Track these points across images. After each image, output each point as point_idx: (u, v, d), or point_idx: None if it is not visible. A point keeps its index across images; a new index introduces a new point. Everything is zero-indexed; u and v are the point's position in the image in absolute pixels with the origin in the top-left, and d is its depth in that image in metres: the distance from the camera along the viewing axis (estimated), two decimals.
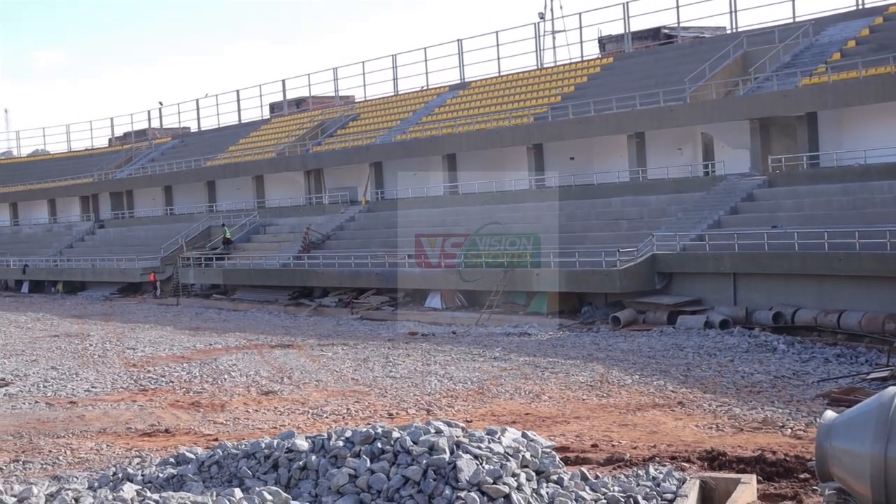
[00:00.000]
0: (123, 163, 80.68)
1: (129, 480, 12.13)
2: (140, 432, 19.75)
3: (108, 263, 62.47)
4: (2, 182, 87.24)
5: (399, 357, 29.00)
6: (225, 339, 35.71)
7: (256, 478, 11.60)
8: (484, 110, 54.58)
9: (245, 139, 72.17)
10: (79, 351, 34.01)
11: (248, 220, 60.46)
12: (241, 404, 22.53)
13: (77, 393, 25.16)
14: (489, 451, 10.92)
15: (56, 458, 17.63)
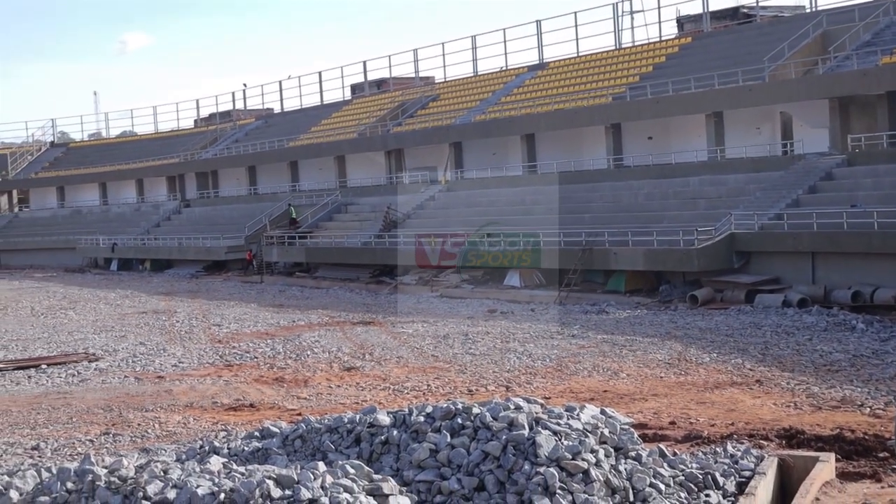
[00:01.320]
0: (209, 143, 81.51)
1: (216, 453, 12.44)
2: (226, 407, 20.17)
3: (194, 242, 63.30)
4: (91, 162, 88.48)
5: (478, 334, 29.22)
6: (308, 316, 36.15)
7: (339, 452, 11.80)
8: (562, 90, 54.47)
9: (327, 120, 72.61)
10: (166, 327, 34.64)
11: (330, 199, 60.93)
12: (323, 380, 22.88)
13: (165, 368, 25.71)
14: (568, 427, 11.03)
15: (145, 431, 18.09)
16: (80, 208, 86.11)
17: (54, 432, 18.29)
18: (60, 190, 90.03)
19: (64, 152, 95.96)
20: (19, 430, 18.64)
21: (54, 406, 20.84)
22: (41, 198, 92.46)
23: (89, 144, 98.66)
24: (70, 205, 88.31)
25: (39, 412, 20.24)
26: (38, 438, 17.75)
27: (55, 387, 23.63)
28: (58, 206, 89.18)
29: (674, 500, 10.59)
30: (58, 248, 76.63)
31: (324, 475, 9.84)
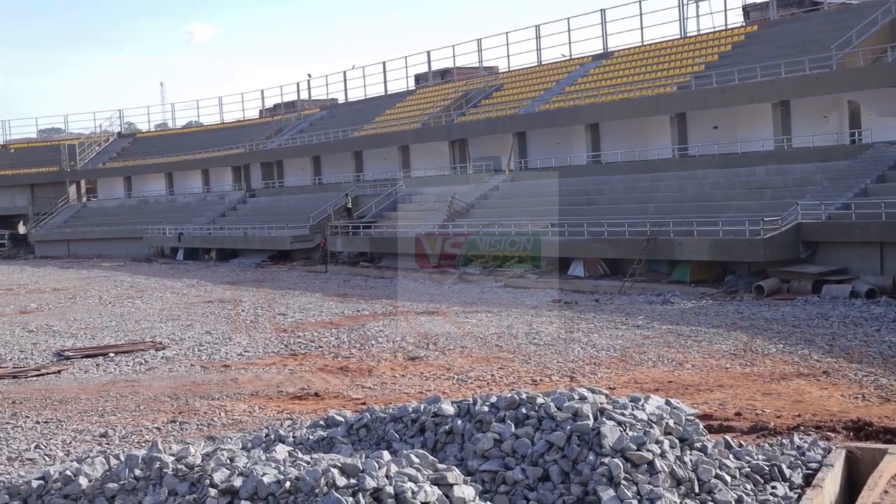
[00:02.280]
0: (273, 133, 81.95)
1: (281, 442, 12.53)
2: (291, 395, 20.29)
3: (259, 232, 63.73)
4: (158, 153, 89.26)
5: (542, 324, 29.19)
6: (372, 305, 36.28)
7: (404, 441, 11.85)
8: (627, 80, 54.19)
9: (391, 110, 72.74)
10: (231, 316, 34.91)
11: (394, 189, 61.10)
12: (388, 369, 22.96)
13: (230, 357, 25.91)
14: (633, 417, 11.00)
15: (211, 420, 18.25)
16: (147, 198, 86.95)
17: (122, 420, 18.50)
18: (127, 180, 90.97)
19: (131, 143, 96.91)
20: (88, 417, 18.88)
21: (122, 394, 21.08)
22: (108, 188, 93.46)
23: (156, 135, 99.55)
24: (137, 195, 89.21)
25: (107, 400, 20.49)
26: (106, 426, 17.96)
27: (123, 375, 23.90)
28: (125, 196, 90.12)
29: (739, 492, 10.52)
30: (125, 237, 77.50)
31: (388, 464, 9.88)
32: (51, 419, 18.79)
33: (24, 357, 27.53)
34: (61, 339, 31.05)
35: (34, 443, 16.84)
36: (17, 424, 18.41)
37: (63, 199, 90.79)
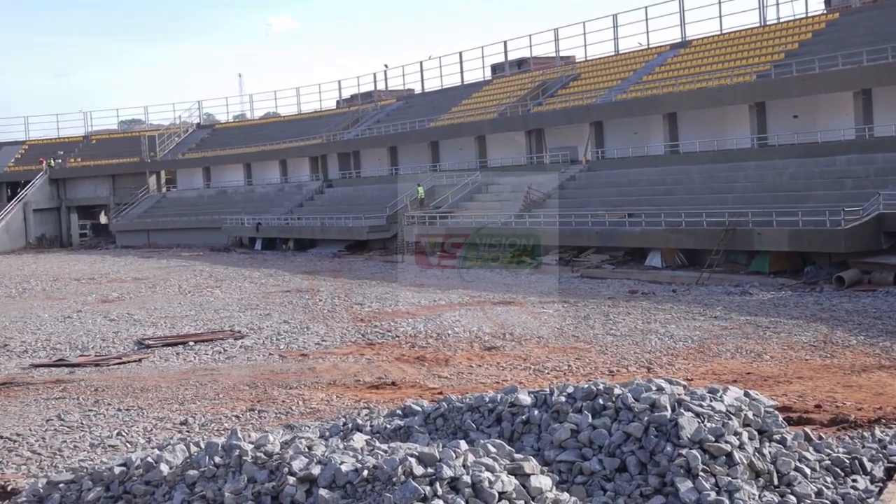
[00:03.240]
0: (350, 124, 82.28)
1: (359, 431, 12.61)
2: (368, 385, 20.38)
3: (336, 222, 64.03)
4: (236, 143, 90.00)
5: (619, 315, 29.07)
6: (448, 295, 36.32)
7: (480, 431, 11.87)
8: (705, 69, 53.69)
9: (467, 100, 72.75)
10: (309, 306, 35.13)
11: (471, 179, 61.09)
12: (464, 359, 22.98)
13: (308, 346, 26.08)
14: (711, 409, 10.94)
15: (289, 408, 18.38)
16: (226, 188, 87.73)
17: (202, 408, 18.70)
18: (206, 170, 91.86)
19: (210, 133, 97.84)
20: (168, 405, 19.11)
21: (202, 382, 21.30)
22: (188, 178, 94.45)
23: (234, 126, 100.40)
24: (216, 185, 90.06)
25: (187, 388, 20.72)
26: (186, 413, 18.17)
27: (202, 363, 24.15)
28: (204, 187, 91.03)
29: (819, 485, 10.43)
30: (203, 227, 78.30)
31: (465, 454, 9.91)
32: (132, 407, 19.05)
33: (106, 345, 27.93)
34: (142, 327, 31.45)
35: (116, 430, 17.09)
36: (100, 412, 18.68)
37: (143, 189, 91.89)
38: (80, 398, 20.16)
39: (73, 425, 17.62)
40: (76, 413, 18.60)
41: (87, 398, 20.12)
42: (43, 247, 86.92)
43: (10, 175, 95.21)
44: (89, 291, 44.58)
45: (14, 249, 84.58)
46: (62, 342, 28.82)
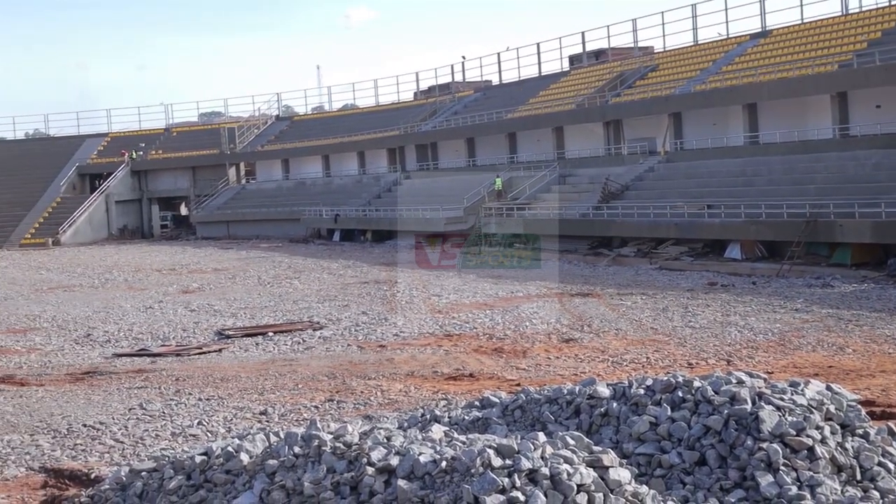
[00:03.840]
0: (428, 116, 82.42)
1: (437, 422, 12.63)
2: (446, 376, 20.42)
3: (414, 213, 64.16)
4: (315, 135, 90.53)
5: (698, 307, 28.85)
6: (526, 287, 36.25)
7: (559, 423, 11.83)
8: (786, 59, 53.06)
9: (545, 91, 72.57)
10: (387, 297, 35.26)
11: (548, 170, 60.94)
12: (542, 351, 22.95)
13: (386, 337, 26.18)
14: (792, 402, 10.82)
15: (367, 399, 18.47)
16: (304, 180, 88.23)
17: (281, 398, 18.85)
18: (285, 162, 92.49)
19: (288, 125, 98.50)
20: (248, 395, 19.29)
21: (281, 372, 21.47)
22: (267, 170, 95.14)
23: (312, 117, 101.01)
24: (294, 177, 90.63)
25: (267, 378, 20.89)
26: (265, 404, 18.33)
27: (281, 354, 24.34)
28: (282, 178, 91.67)
29: None
30: (282, 218, 78.88)
31: (544, 446, 9.89)
32: (212, 396, 19.26)
33: (187, 336, 28.25)
34: (222, 318, 31.76)
35: (197, 419, 17.28)
36: (181, 401, 18.90)
37: (223, 181, 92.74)
38: (161, 388, 20.41)
39: (154, 414, 17.85)
40: (158, 402, 18.84)
41: (169, 388, 20.37)
42: (125, 238, 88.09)
43: (93, 167, 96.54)
44: (170, 282, 45.12)
45: (97, 240, 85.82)
46: (144, 332, 29.20)
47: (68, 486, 13.46)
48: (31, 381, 21.96)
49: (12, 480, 14.02)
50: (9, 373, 23.34)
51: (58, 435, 16.56)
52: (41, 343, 28.25)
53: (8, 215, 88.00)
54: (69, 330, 30.58)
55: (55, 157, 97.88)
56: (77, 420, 17.55)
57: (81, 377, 22.20)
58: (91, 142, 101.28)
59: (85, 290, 43.25)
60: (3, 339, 29.30)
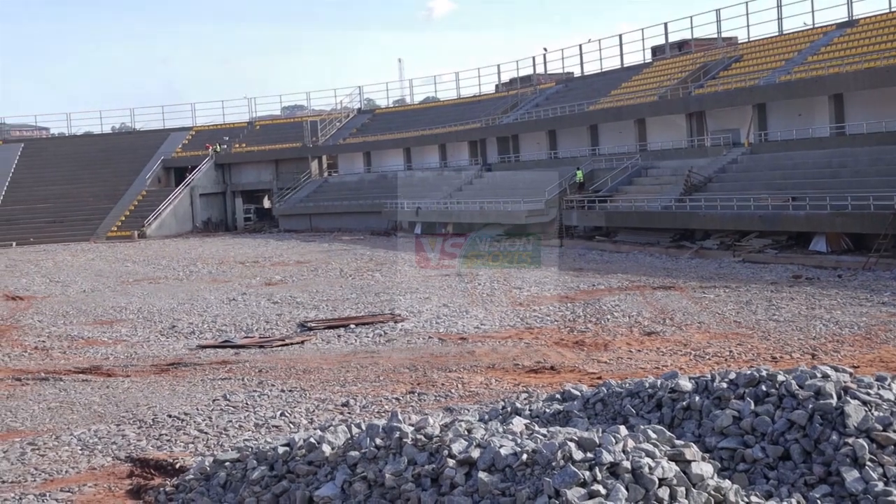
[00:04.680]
0: (509, 108, 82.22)
1: (518, 414, 12.64)
2: (527, 369, 20.41)
3: (495, 206, 64.08)
4: (396, 128, 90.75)
5: (782, 300, 28.53)
6: (607, 279, 36.10)
7: (640, 416, 11.79)
8: (873, 48, 52.21)
9: (627, 83, 72.13)
10: (468, 290, 35.28)
11: (630, 162, 60.60)
12: (623, 344, 22.85)
13: (467, 330, 26.22)
14: (878, 397, 10.68)
15: (448, 391, 18.52)
16: (386, 173, 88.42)
17: (363, 390, 18.96)
18: (367, 155, 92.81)
19: (370, 119, 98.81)
20: (330, 387, 19.41)
21: (362, 364, 21.58)
22: (349, 163, 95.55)
23: (394, 110, 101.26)
24: (376, 169, 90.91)
25: (349, 370, 21.01)
26: (347, 395, 18.44)
27: (363, 346, 24.47)
28: (364, 171, 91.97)
29: None
30: (364, 211, 79.11)
31: (625, 439, 9.86)
32: (295, 388, 19.41)
33: (270, 327, 28.49)
34: (304, 310, 31.99)
35: (279, 410, 17.43)
36: (264, 392, 19.08)
37: (305, 174, 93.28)
38: (244, 379, 20.62)
39: (238, 405, 18.03)
40: (241, 393, 19.03)
41: (252, 379, 20.57)
42: (209, 231, 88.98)
43: (177, 160, 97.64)
44: (253, 274, 45.52)
45: (181, 233, 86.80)
46: (227, 324, 29.50)
47: (154, 475, 13.65)
48: (118, 372, 22.31)
49: (99, 469, 14.25)
50: (96, 363, 23.74)
51: (143, 425, 16.80)
52: (127, 334, 28.69)
53: (95, 208, 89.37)
54: (154, 322, 31.00)
55: (141, 150, 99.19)
56: (162, 410, 17.79)
57: (166, 368, 22.50)
58: (176, 135, 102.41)
59: (170, 283, 43.78)
60: (91, 331, 29.79)
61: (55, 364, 24.17)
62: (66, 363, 24.17)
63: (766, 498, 9.74)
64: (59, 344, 27.54)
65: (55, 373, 22.53)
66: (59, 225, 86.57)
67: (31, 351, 26.56)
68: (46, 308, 36.06)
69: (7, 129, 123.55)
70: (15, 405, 19.03)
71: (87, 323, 31.71)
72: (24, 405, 18.99)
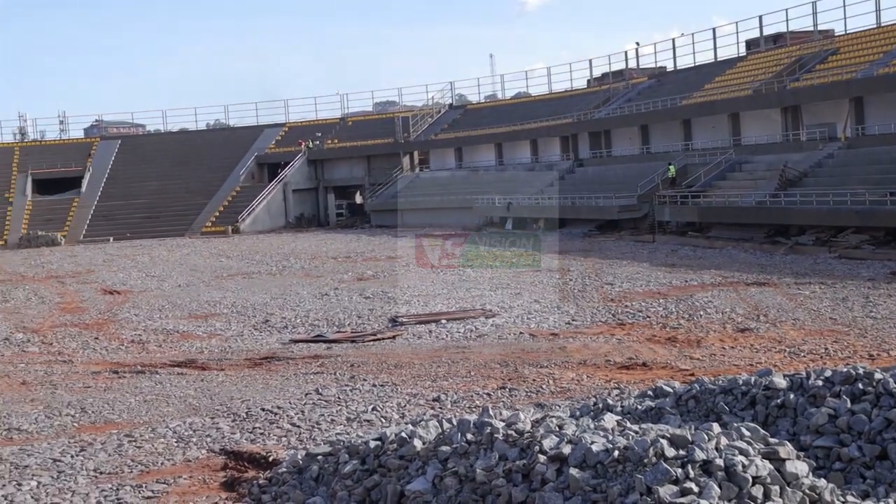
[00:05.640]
0: (601, 103, 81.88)
1: (609, 411, 12.57)
2: (618, 365, 20.30)
3: (586, 201, 63.86)
4: (488, 123, 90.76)
5: (880, 297, 28.04)
6: (700, 275, 35.78)
7: (733, 414, 11.68)
8: None
9: (720, 77, 71.39)
10: (559, 285, 35.19)
11: (723, 157, 60.01)
12: (716, 341, 22.63)
13: (558, 325, 26.15)
14: None
15: (539, 387, 18.48)
16: (477, 168, 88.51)
17: (454, 385, 18.99)
18: (458, 151, 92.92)
19: (461, 114, 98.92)
20: (421, 381, 19.48)
21: (453, 360, 21.62)
22: (440, 158, 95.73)
23: (485, 106, 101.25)
24: (467, 165, 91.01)
25: (440, 365, 21.06)
26: (438, 390, 18.48)
27: (454, 341, 24.51)
28: (455, 167, 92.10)
29: None
30: (455, 207, 79.21)
31: (718, 437, 9.76)
32: (386, 382, 19.50)
33: (362, 322, 28.66)
34: (395, 305, 32.13)
35: (371, 405, 17.52)
36: (356, 387, 19.19)
37: (397, 169, 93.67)
38: (336, 373, 20.76)
39: (330, 399, 18.16)
40: (333, 388, 19.17)
41: (344, 373, 20.70)
42: (301, 226, 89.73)
43: (270, 156, 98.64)
44: (345, 269, 45.82)
45: (274, 228, 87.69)
46: (320, 318, 29.73)
47: (247, 468, 13.80)
48: (212, 366, 22.59)
49: (194, 462, 14.44)
50: (191, 357, 24.06)
51: (237, 418, 16.99)
52: (221, 328, 29.04)
53: (190, 204, 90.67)
54: (248, 316, 31.34)
55: (235, 147, 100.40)
56: (255, 404, 17.97)
57: (260, 362, 22.74)
58: (269, 132, 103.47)
59: (263, 278, 44.22)
60: (186, 325, 30.20)
61: (151, 357, 24.55)
62: (162, 356, 24.54)
63: (863, 498, 9.59)
64: (155, 337, 27.97)
65: (151, 366, 22.88)
66: (155, 220, 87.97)
67: (128, 344, 27.01)
68: (143, 302, 36.63)
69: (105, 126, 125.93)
70: (112, 397, 19.35)
71: (182, 317, 32.16)
72: (120, 398, 19.31)
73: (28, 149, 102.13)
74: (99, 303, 37.36)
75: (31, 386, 21.30)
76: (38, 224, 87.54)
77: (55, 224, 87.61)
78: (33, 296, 41.06)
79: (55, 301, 38.80)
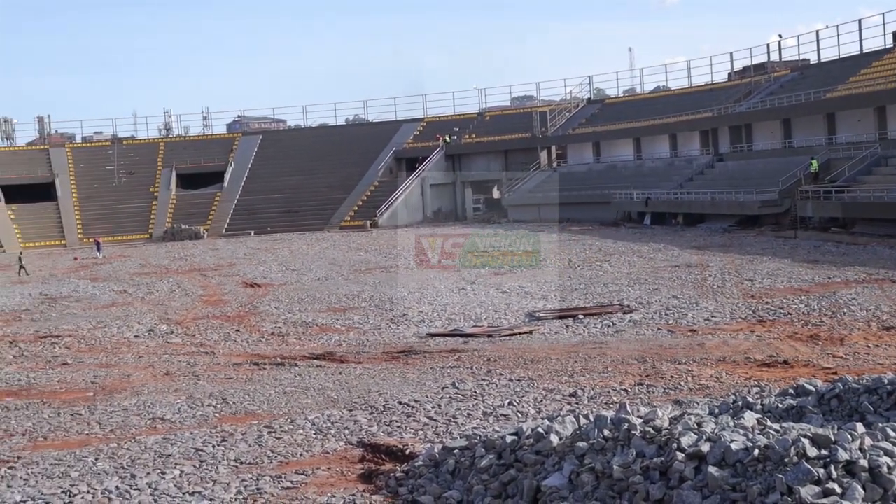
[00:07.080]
0: (742, 97, 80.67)
1: (749, 409, 12.40)
2: (758, 362, 19.99)
3: (726, 196, 62.99)
4: (626, 118, 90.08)
5: None
6: (843, 272, 35.01)
7: (878, 414, 11.43)
8: None
9: (866, 69, 69.77)
10: (698, 281, 34.76)
11: (869, 152, 58.63)
12: (861, 339, 22.13)
13: (697, 322, 25.85)
14: None
15: (677, 384, 18.30)
16: (615, 163, 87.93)
17: (590, 381, 18.90)
18: (596, 145, 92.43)
19: (599, 108, 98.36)
20: (558, 377, 19.43)
21: (590, 355, 21.52)
22: (577, 153, 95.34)
23: (623, 100, 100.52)
24: (605, 160, 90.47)
25: (577, 360, 20.98)
26: (575, 386, 18.42)
27: (591, 337, 24.41)
28: (593, 162, 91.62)
29: None
30: (592, 202, 78.73)
31: (862, 437, 9.55)
32: (523, 377, 19.49)
33: (498, 317, 28.70)
34: (532, 300, 32.10)
35: (507, 399, 17.53)
36: (492, 381, 19.23)
37: (534, 164, 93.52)
38: (473, 368, 20.82)
39: (466, 394, 18.22)
40: (469, 382, 19.23)
41: (480, 368, 20.75)
42: (438, 220, 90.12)
43: (409, 151, 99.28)
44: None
45: (412, 223, 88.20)
46: (457, 313, 29.86)
47: (384, 460, 13.91)
48: (350, 359, 22.85)
49: (332, 454, 14.61)
50: (329, 350, 24.38)
51: (375, 411, 17.15)
52: (359, 322, 29.35)
53: (329, 198, 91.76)
54: (385, 310, 31.62)
55: (373, 141, 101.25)
56: (393, 397, 18.12)
57: (397, 356, 22.92)
58: (407, 126, 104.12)
59: (401, 272, 44.53)
60: (325, 318, 30.59)
61: (290, 350, 24.93)
62: (301, 349, 24.89)
63: None
64: (295, 330, 28.39)
65: (290, 358, 23.23)
66: (295, 214, 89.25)
67: (268, 337, 27.47)
68: (282, 295, 37.21)
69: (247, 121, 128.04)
70: (253, 389, 19.70)
71: (320, 310, 32.58)
72: (261, 389, 19.64)
73: (172, 144, 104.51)
74: (240, 295, 38.05)
75: (174, 376, 21.81)
76: (181, 218, 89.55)
77: (198, 218, 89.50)
78: (177, 288, 42.02)
79: (198, 294, 39.65)
